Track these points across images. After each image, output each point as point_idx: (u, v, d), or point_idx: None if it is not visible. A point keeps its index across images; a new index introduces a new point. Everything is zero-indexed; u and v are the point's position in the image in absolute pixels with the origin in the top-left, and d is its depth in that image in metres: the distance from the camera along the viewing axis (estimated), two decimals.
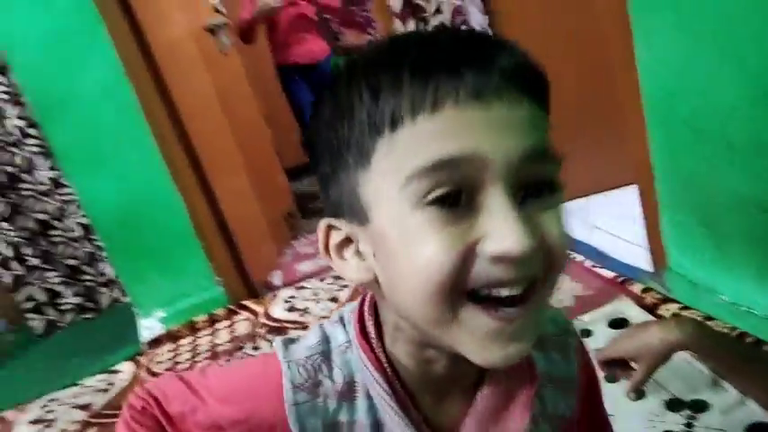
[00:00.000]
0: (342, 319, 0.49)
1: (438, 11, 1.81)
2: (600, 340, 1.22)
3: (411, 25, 1.83)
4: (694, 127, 1.06)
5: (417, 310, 0.38)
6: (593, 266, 1.55)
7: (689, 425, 0.94)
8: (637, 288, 1.35)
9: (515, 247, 0.35)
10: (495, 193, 0.35)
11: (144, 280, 2.05)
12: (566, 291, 1.49)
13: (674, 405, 0.99)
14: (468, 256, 0.36)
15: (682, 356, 1.08)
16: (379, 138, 0.37)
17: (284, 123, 3.78)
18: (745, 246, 1.04)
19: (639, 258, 1.49)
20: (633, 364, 0.83)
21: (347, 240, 0.42)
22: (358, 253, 0.41)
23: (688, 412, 0.97)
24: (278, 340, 0.49)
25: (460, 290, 0.36)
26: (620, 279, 1.44)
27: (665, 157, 1.19)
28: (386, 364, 0.45)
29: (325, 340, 0.48)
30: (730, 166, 1.01)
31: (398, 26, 1.84)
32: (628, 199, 1.85)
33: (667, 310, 1.24)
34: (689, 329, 0.81)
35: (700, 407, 0.97)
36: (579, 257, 1.62)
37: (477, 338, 0.37)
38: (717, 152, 1.02)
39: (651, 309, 1.27)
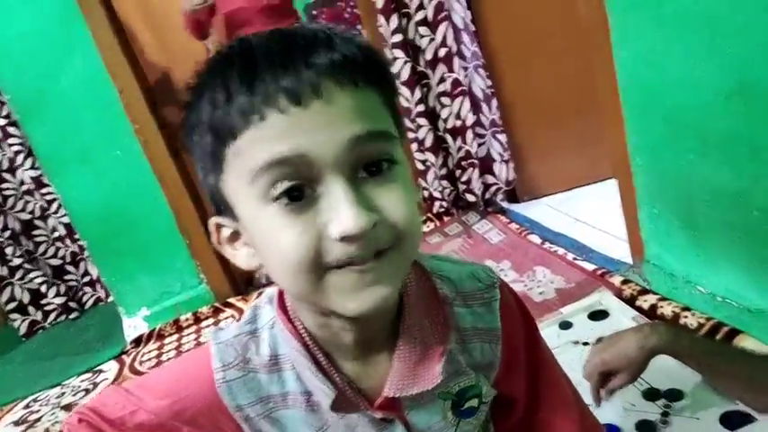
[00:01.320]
0: (271, 299, 0.52)
1: (421, 6, 1.81)
2: (580, 332, 1.24)
3: (394, 21, 1.83)
4: (671, 121, 1.07)
5: (290, 288, 0.44)
6: (575, 259, 1.56)
7: (665, 414, 0.96)
8: (616, 280, 1.37)
9: (353, 226, 0.39)
10: (330, 182, 0.40)
11: (128, 279, 2.05)
12: (546, 283, 1.51)
13: (650, 394, 1.01)
14: (318, 241, 0.40)
15: None
16: (225, 147, 0.41)
17: None
18: (721, 238, 1.06)
19: (619, 251, 1.51)
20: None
21: (236, 234, 0.46)
22: (246, 243, 0.45)
23: (664, 401, 0.98)
24: (212, 328, 0.52)
25: (320, 267, 0.41)
26: (600, 271, 1.45)
27: (643, 152, 1.20)
28: (304, 335, 0.48)
29: (254, 319, 0.52)
30: (706, 160, 1.02)
31: (382, 22, 1.85)
32: (608, 192, 1.88)
33: (645, 301, 1.26)
34: (663, 334, 0.85)
35: (675, 396, 0.98)
36: (560, 250, 1.63)
37: (343, 293, 0.42)
38: (693, 146, 1.04)
39: (630, 300, 1.29)
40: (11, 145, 2.33)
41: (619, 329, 1.19)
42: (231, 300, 2.08)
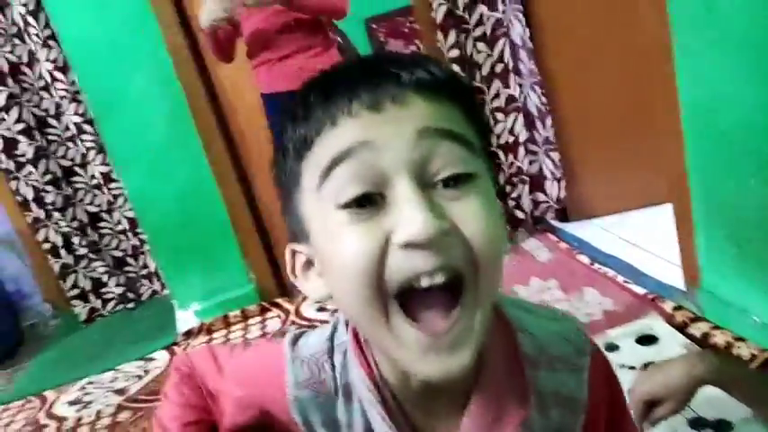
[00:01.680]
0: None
1: (480, 23, 1.83)
2: (626, 356, 1.21)
3: (452, 37, 1.86)
4: (732, 144, 1.05)
5: (354, 311, 0.41)
6: (625, 282, 1.53)
7: None
8: (668, 306, 1.33)
9: (420, 231, 0.36)
10: (398, 183, 0.38)
11: (183, 274, 2.14)
12: (594, 305, 1.48)
13: (697, 424, 0.98)
14: (383, 249, 0.37)
15: None
16: (302, 161, 0.41)
17: None
18: None
19: (671, 276, 1.47)
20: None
21: (309, 263, 0.44)
22: (319, 273, 0.44)
23: (711, 431, 0.95)
24: (288, 336, 0.51)
25: (384, 288, 0.38)
26: (650, 296, 1.42)
27: (702, 175, 1.17)
28: (375, 371, 0.46)
29: (332, 337, 0.49)
30: (766, 186, 0.99)
31: (440, 37, 1.87)
32: (662, 216, 1.83)
33: (698, 328, 1.22)
34: (712, 363, 0.82)
35: (723, 427, 0.95)
36: (610, 272, 1.60)
37: (412, 352, 0.39)
38: (754, 170, 1.01)
39: (682, 327, 1.25)
40: (83, 141, 2.48)
41: (668, 356, 1.17)
42: (278, 300, 2.14)
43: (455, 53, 1.87)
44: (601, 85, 1.86)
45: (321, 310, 1.99)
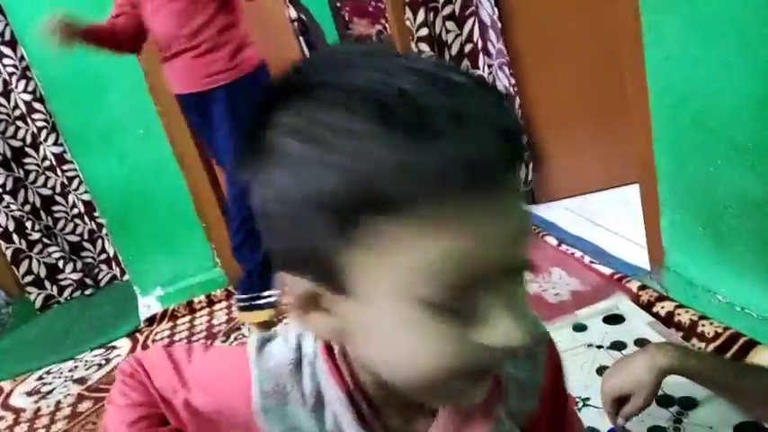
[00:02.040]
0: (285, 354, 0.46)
1: (448, 1, 1.80)
2: (594, 335, 1.23)
3: (421, 15, 1.82)
4: (700, 127, 1.06)
5: (403, 385, 0.37)
6: (591, 262, 1.55)
7: (678, 421, 0.95)
8: (633, 285, 1.36)
9: (519, 341, 0.33)
10: (496, 288, 0.33)
11: (144, 258, 2.07)
12: (562, 286, 1.50)
13: (663, 401, 1.00)
14: (468, 351, 0.34)
15: None
16: (369, 214, 0.31)
17: None
18: (745, 247, 1.05)
19: (637, 256, 1.50)
20: None
21: (315, 296, 0.36)
22: (323, 309, 0.37)
23: (677, 408, 0.97)
24: (253, 340, 0.48)
25: (457, 373, 0.35)
26: (617, 276, 1.44)
27: (670, 157, 1.19)
28: (349, 380, 0.43)
29: (299, 347, 0.46)
30: (734, 167, 1.01)
31: (409, 15, 1.84)
32: (628, 197, 1.86)
33: (663, 307, 1.25)
34: (671, 353, 0.84)
35: (689, 404, 0.97)
36: (578, 253, 1.62)
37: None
38: (721, 153, 1.02)
39: (647, 306, 1.28)
40: (35, 120, 2.36)
41: (634, 334, 1.19)
42: None
43: (424, 32, 1.84)
44: (569, 67, 1.86)
45: None
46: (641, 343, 1.16)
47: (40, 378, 1.87)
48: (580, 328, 1.27)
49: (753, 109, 0.93)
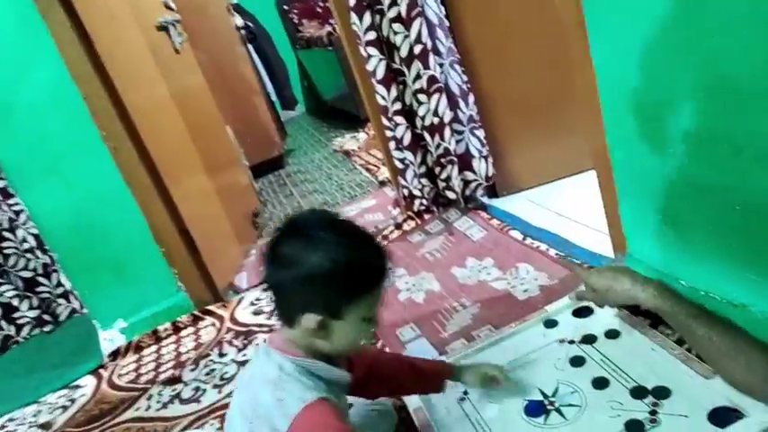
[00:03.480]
0: (281, 369, 0.85)
1: (394, 3, 1.78)
2: (565, 330, 1.23)
3: (367, 18, 1.80)
4: (650, 116, 1.06)
5: (342, 352, 0.90)
6: (557, 255, 1.55)
7: (653, 412, 0.95)
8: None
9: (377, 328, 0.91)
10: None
11: (102, 290, 1.99)
12: (530, 281, 1.50)
13: (637, 392, 1.00)
14: (365, 333, 0.89)
15: (645, 343, 1.10)
16: (362, 293, 0.84)
17: (249, 120, 3.71)
18: (704, 232, 1.05)
19: (601, 245, 1.50)
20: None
21: (324, 323, 0.83)
22: (324, 328, 0.84)
23: (651, 399, 0.97)
24: (300, 400, 0.81)
25: None
26: (585, 266, 1.44)
27: (622, 146, 1.19)
28: (318, 359, 0.88)
29: (281, 367, 0.85)
30: (686, 155, 1.01)
31: (354, 19, 1.81)
32: (588, 183, 1.87)
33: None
34: (652, 293, 0.97)
35: (662, 393, 0.98)
36: (543, 246, 1.63)
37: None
38: (672, 141, 1.03)
39: None
40: None
41: (604, 325, 1.19)
42: (211, 307, 2.04)
43: (372, 35, 1.81)
44: (520, 60, 1.86)
45: (257, 313, 1.91)
46: (612, 335, 1.17)
47: (2, 427, 1.78)
48: (551, 324, 1.27)
49: (700, 96, 0.94)
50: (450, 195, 1.96)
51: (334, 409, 0.82)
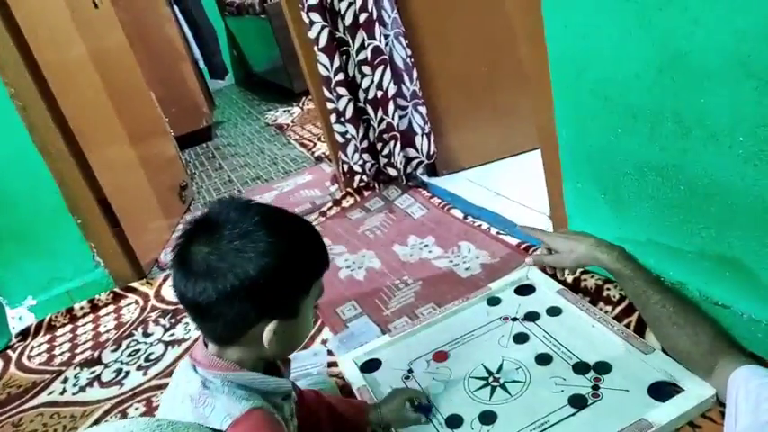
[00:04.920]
0: (205, 386, 0.73)
1: None
2: (508, 307, 1.23)
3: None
4: (599, 95, 1.07)
5: (286, 352, 0.83)
6: (498, 233, 1.56)
7: (595, 387, 0.97)
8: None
9: None
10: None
11: (8, 264, 1.80)
12: (472, 259, 1.50)
13: (580, 368, 1.01)
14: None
15: (586, 320, 1.12)
16: (314, 281, 0.77)
17: (174, 87, 3.49)
18: (647, 212, 1.08)
19: (541, 225, 1.52)
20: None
21: (278, 328, 0.73)
22: (276, 333, 0.73)
23: (593, 374, 0.99)
24: (224, 416, 0.70)
25: None
26: (523, 246, 1.46)
27: (570, 125, 1.20)
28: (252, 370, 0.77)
29: (204, 382, 0.74)
30: (634, 134, 1.02)
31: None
32: (527, 165, 1.90)
33: (569, 275, 1.27)
34: (616, 255, 0.98)
35: (604, 368, 1.00)
36: (484, 225, 1.63)
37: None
38: (621, 120, 1.04)
39: (554, 274, 1.30)
40: None
41: (545, 303, 1.20)
42: (134, 284, 1.90)
43: (314, 0, 1.72)
44: (464, 36, 1.84)
45: None
46: (553, 312, 1.18)
47: None
48: (494, 301, 1.27)
49: (650, 76, 0.94)
50: (392, 172, 1.92)
51: (271, 419, 0.72)
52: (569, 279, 1.23)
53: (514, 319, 1.19)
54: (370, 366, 1.17)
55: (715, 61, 0.83)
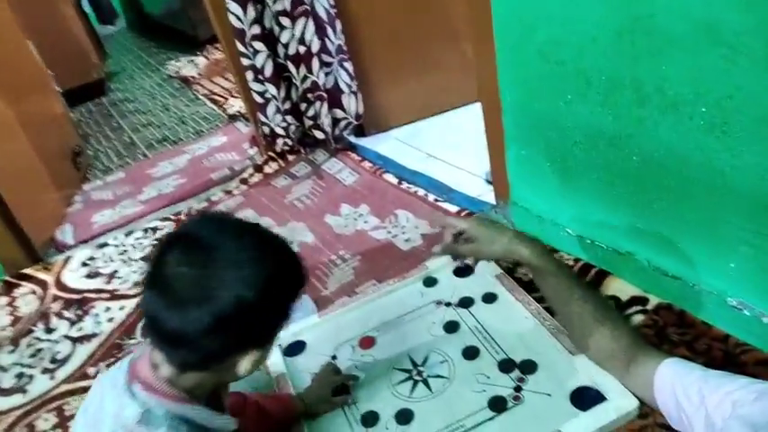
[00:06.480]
0: (145, 416, 0.64)
1: None
2: (444, 291, 1.16)
3: None
4: (550, 59, 1.00)
5: (236, 378, 0.70)
6: (436, 200, 1.49)
7: (518, 388, 0.92)
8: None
9: None
10: None
11: None
12: (411, 229, 1.43)
13: (505, 366, 0.97)
14: None
15: (520, 311, 1.06)
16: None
17: (56, 35, 3.05)
18: (594, 181, 1.05)
19: (478, 189, 1.48)
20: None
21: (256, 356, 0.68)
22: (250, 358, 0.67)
23: (518, 373, 0.94)
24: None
25: None
26: (463, 213, 1.40)
27: (516, 90, 1.13)
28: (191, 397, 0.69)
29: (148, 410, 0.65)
30: (586, 101, 0.97)
31: None
32: (461, 123, 1.83)
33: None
34: (539, 250, 0.91)
35: (529, 368, 0.95)
36: (420, 191, 1.55)
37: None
38: (573, 86, 0.98)
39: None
40: None
41: (482, 289, 1.14)
42: (28, 270, 1.67)
43: None
44: None
45: (93, 276, 1.60)
46: (489, 298, 1.11)
47: None
48: (430, 282, 1.19)
49: (606, 41, 0.88)
50: (318, 135, 1.78)
51: None
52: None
53: (448, 305, 1.13)
54: (294, 349, 1.11)
55: (680, 26, 0.78)
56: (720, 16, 0.73)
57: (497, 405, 0.90)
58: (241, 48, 1.66)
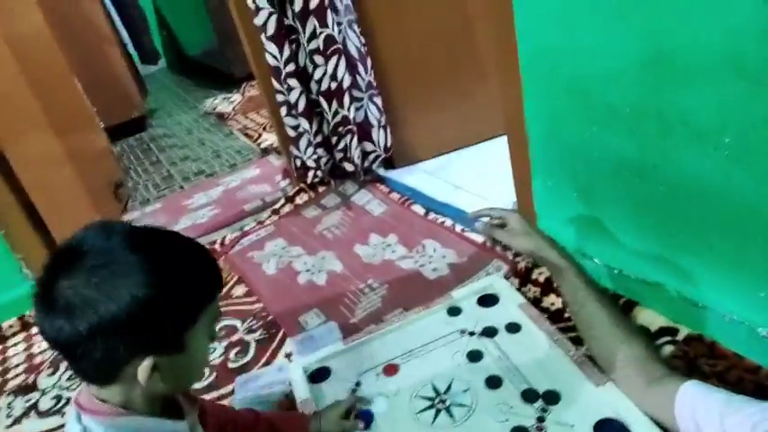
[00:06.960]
0: None
1: None
2: (469, 320, 1.16)
3: None
4: (576, 90, 1.03)
5: (193, 382, 0.78)
6: (463, 231, 1.51)
7: (541, 419, 0.91)
8: (509, 253, 1.34)
9: None
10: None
11: None
12: (438, 258, 1.44)
13: (528, 395, 0.96)
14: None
15: (543, 341, 1.06)
16: (203, 309, 0.68)
17: (101, 74, 3.23)
18: (621, 211, 1.05)
19: None
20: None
21: (158, 365, 0.63)
22: (160, 370, 0.64)
23: (541, 403, 0.94)
24: None
25: None
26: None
27: (543, 121, 1.15)
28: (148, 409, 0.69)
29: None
30: (612, 132, 0.99)
31: None
32: (484, 157, 1.86)
33: (541, 273, 1.24)
34: (566, 252, 0.99)
35: (552, 398, 0.94)
36: (447, 221, 1.58)
37: None
38: (598, 117, 1.00)
39: (525, 273, 1.27)
40: None
41: (506, 318, 1.15)
42: None
43: None
44: (419, 24, 1.77)
45: None
46: (512, 328, 1.12)
47: None
48: (455, 311, 1.20)
49: (632, 73, 0.91)
50: (348, 167, 1.83)
51: None
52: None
53: (471, 334, 1.13)
54: (319, 375, 1.12)
55: (703, 58, 0.79)
56: (743, 48, 0.75)
57: None
58: (276, 85, 1.74)
